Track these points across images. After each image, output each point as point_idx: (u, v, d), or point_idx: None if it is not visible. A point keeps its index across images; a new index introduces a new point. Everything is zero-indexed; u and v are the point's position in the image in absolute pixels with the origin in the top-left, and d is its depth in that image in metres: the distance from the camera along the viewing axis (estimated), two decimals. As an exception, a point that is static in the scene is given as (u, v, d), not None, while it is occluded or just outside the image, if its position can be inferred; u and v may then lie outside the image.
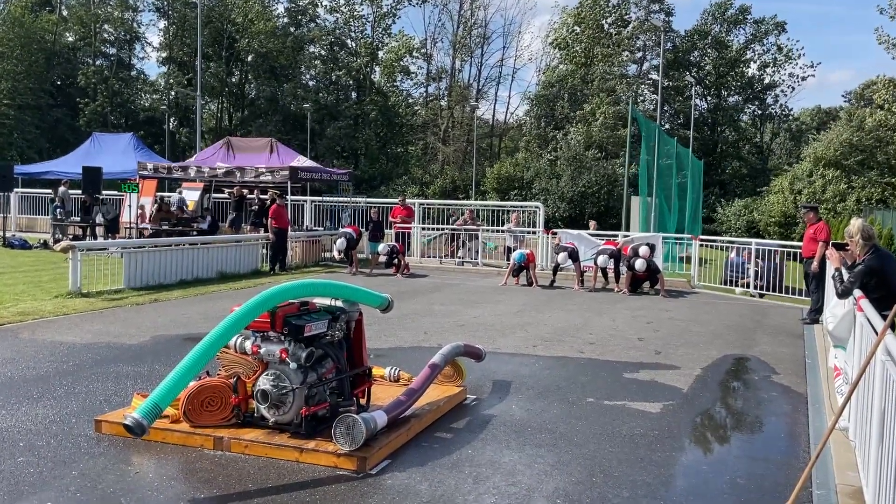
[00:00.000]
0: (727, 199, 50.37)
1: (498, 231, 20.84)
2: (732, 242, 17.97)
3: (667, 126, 49.60)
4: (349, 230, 19.51)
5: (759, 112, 62.72)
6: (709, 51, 60.09)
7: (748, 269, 16.43)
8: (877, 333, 4.53)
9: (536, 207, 21.20)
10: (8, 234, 22.75)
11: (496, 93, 70.79)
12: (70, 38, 60.77)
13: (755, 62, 60.73)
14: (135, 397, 5.99)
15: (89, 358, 8.43)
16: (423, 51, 67.28)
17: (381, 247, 19.49)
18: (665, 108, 53.90)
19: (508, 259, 19.77)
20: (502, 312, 12.39)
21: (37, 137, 54.31)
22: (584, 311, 12.68)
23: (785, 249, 16.61)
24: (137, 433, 4.92)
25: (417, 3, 66.16)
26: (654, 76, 57.45)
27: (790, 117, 65.20)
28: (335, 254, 19.70)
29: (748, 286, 16.13)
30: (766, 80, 61.06)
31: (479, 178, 57.06)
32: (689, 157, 28.15)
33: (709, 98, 61.42)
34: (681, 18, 76.76)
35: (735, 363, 9.14)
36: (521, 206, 22.03)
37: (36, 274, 15.44)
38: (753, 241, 17.33)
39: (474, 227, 20.84)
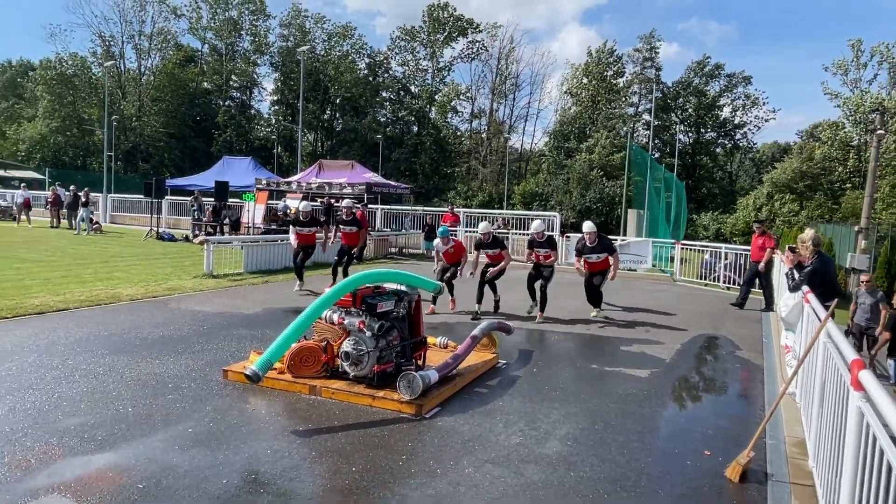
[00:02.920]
0: (700, 213, 49.65)
1: (524, 234, 20.74)
2: (706, 247, 17.58)
3: (656, 155, 48.75)
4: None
5: (730, 145, 61.32)
6: (690, 98, 58.97)
7: (718, 267, 16.12)
8: (820, 320, 4.50)
9: (553, 216, 21.08)
10: (161, 230, 23.41)
11: (524, 128, 70.67)
12: (207, 86, 62.22)
13: (727, 107, 59.62)
14: (252, 354, 6.13)
15: (218, 323, 8.64)
16: (468, 95, 67.39)
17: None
18: (655, 142, 53.02)
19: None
20: (527, 297, 12.35)
21: (181, 159, 55.88)
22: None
23: (748, 253, 16.24)
24: (254, 381, 5.10)
25: (466, 60, 66.43)
26: (646, 117, 56.55)
27: (753, 150, 63.77)
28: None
29: (717, 280, 15.83)
30: (736, 121, 59.82)
31: (510, 192, 56.91)
32: (674, 179, 27.67)
33: (690, 134, 60.33)
34: (668, 72, 75.94)
35: (707, 341, 9.01)
36: (542, 215, 21.86)
37: (180, 260, 15.86)
38: (724, 245, 16.95)
39: (505, 231, 20.81)
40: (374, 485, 3.84)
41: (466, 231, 21.54)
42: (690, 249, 17.88)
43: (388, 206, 25.89)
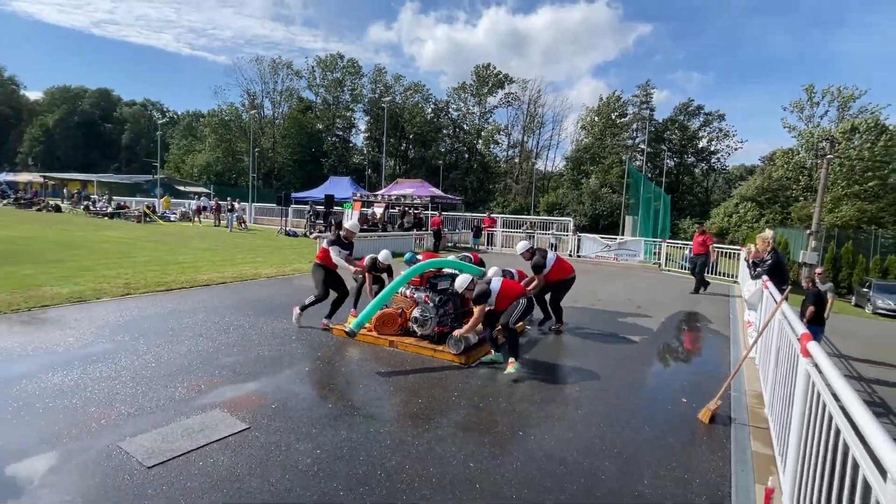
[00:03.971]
0: (682, 219, 47.46)
1: (546, 234, 20.37)
2: (686, 244, 16.79)
3: (649, 175, 46.81)
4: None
5: (706, 167, 58.15)
6: (676, 131, 56.10)
7: (696, 260, 15.36)
8: (776, 302, 4.25)
9: (569, 221, 20.55)
10: (287, 229, 24.18)
11: (547, 154, 69.23)
12: (319, 126, 63.64)
13: (705, 138, 56.50)
14: (350, 316, 6.28)
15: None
16: (505, 131, 66.44)
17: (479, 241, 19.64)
18: (648, 164, 50.89)
19: (553, 250, 19.37)
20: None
21: (301, 178, 57.42)
22: (596, 282, 12.22)
23: (719, 249, 15.42)
24: (351, 336, 5.25)
25: (503, 106, 65.55)
26: (642, 146, 54.30)
27: (725, 171, 60.19)
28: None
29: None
30: (712, 149, 56.64)
31: (536, 203, 55.98)
32: (662, 193, 26.52)
33: (675, 158, 57.40)
34: (660, 111, 72.64)
35: (686, 316, 8.61)
36: (560, 220, 21.40)
37: (300, 249, 16.32)
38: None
39: (531, 229, 20.49)
40: (434, 413, 3.89)
41: (504, 231, 21.32)
42: (674, 246, 17.09)
43: (446, 213, 25.87)
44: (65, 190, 39.33)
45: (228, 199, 27.38)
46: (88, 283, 7.99)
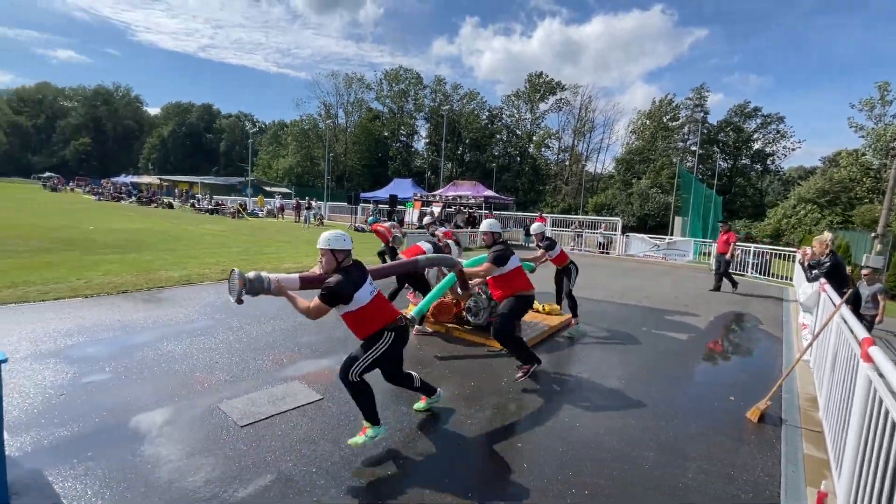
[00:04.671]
0: (734, 221, 43.95)
1: (594, 233, 19.66)
2: (738, 245, 15.59)
3: (700, 177, 43.82)
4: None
5: (760, 169, 53.45)
6: (730, 133, 52.02)
7: (748, 262, 14.22)
8: (835, 305, 3.86)
9: (618, 220, 19.67)
10: (357, 224, 25.02)
11: (597, 157, 66.62)
12: (385, 134, 65.13)
13: (760, 140, 51.87)
14: (410, 304, 6.41)
15: (389, 283, 9.05)
16: (556, 135, 64.76)
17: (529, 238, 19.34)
18: (699, 167, 47.66)
19: (601, 249, 18.68)
20: (592, 276, 11.75)
21: (369, 180, 59.14)
22: (643, 280, 11.67)
23: (773, 251, 14.19)
24: (412, 324, 5.26)
25: (555, 111, 63.85)
26: (693, 148, 50.89)
27: (781, 173, 54.99)
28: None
29: (745, 270, 13.97)
30: (767, 150, 51.95)
31: (584, 203, 54.19)
32: (714, 195, 24.76)
33: (728, 161, 53.23)
34: (714, 113, 67.36)
35: (736, 316, 8.00)
36: (608, 220, 20.54)
37: (367, 243, 16.81)
38: (752, 245, 14.87)
39: (580, 228, 19.86)
40: (484, 394, 3.90)
41: (554, 229, 20.84)
42: (724, 247, 15.93)
43: (499, 212, 25.64)
44: (175, 190, 43.00)
45: (307, 198, 28.73)
46: (194, 269, 8.71)
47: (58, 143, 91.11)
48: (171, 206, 32.38)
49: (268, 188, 46.42)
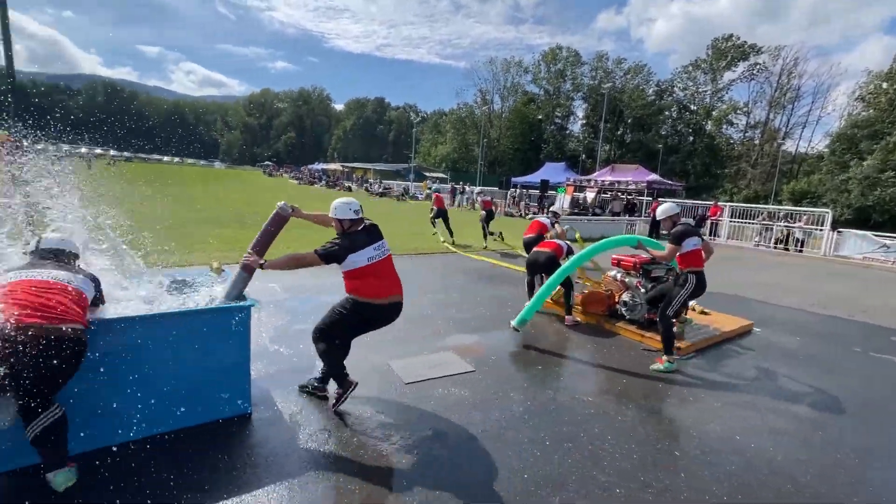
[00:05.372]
0: None
1: (791, 226, 16.11)
2: None
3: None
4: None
5: None
6: None
7: None
8: None
9: (826, 212, 15.72)
10: (506, 209, 25.32)
11: (801, 133, 53.49)
12: (539, 117, 63.77)
13: None
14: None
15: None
16: (744, 109, 54.38)
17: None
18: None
19: (796, 246, 15.33)
20: (784, 278, 9.74)
21: (520, 164, 59.00)
22: (857, 288, 9.23)
23: None
24: (516, 330, 4.84)
25: (745, 81, 53.52)
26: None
27: None
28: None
29: None
30: None
31: (778, 190, 44.68)
32: None
33: None
34: None
35: None
36: (812, 211, 16.53)
37: (512, 229, 16.83)
38: None
39: (769, 221, 16.48)
40: (637, 396, 3.67)
41: (732, 221, 17.82)
42: None
43: (664, 199, 22.98)
44: (353, 175, 49.68)
45: (461, 183, 30.19)
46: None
47: (273, 137, 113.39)
48: (349, 189, 37.58)
49: (427, 173, 50.13)
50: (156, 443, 2.58)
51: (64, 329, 2.06)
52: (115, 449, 2.48)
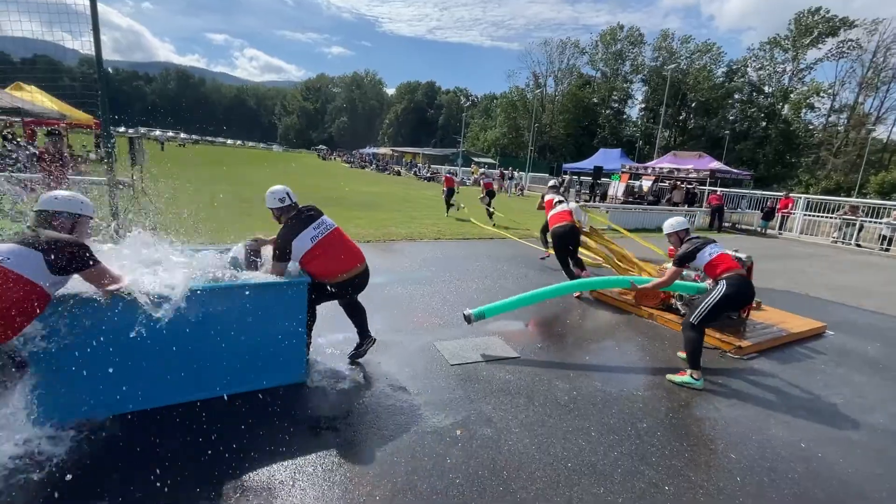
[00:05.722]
0: None
1: (877, 222, 14.54)
2: None
3: None
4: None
5: None
6: None
7: None
8: None
9: (920, 208, 13.91)
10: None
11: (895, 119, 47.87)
12: (595, 100, 61.15)
13: None
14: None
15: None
16: (829, 91, 49.10)
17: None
18: None
19: (883, 245, 13.83)
20: (866, 279, 8.83)
21: (573, 149, 57.06)
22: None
23: None
24: (469, 320, 4.02)
25: (833, 59, 48.11)
26: None
27: None
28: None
29: None
30: None
31: (864, 182, 40.24)
32: None
33: None
34: None
35: None
36: (902, 206, 14.70)
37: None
38: None
39: (853, 217, 14.91)
40: (691, 395, 3.50)
41: (806, 214, 16.35)
42: None
43: (728, 189, 21.44)
44: (403, 159, 50.21)
45: (510, 168, 29.70)
46: (416, 228, 10.18)
47: (328, 121, 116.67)
48: (398, 173, 38.08)
49: (476, 158, 49.75)
50: (233, 399, 2.79)
51: None
52: (198, 404, 2.71)
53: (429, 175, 34.00)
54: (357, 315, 3.47)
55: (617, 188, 22.17)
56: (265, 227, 3.86)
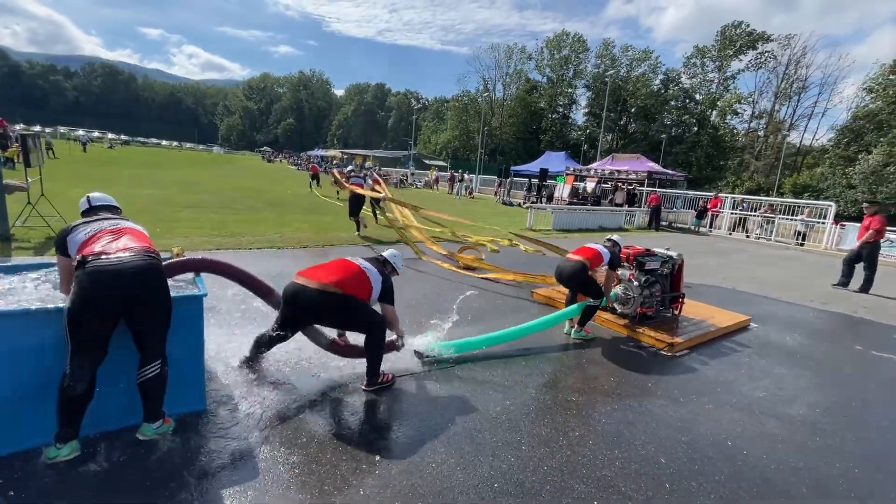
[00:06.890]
0: None
1: (791, 219, 15.83)
2: None
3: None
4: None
5: None
6: None
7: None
8: None
9: (829, 206, 15.42)
10: (505, 199, 25.03)
11: (806, 125, 53.12)
12: (542, 105, 62.89)
13: None
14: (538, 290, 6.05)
15: (533, 258, 8.70)
16: (749, 99, 53.58)
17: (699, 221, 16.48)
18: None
19: (798, 239, 15.08)
20: (784, 273, 9.51)
21: (521, 153, 58.37)
22: (861, 284, 8.99)
23: None
24: (421, 357, 3.73)
25: (752, 69, 52.60)
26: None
27: None
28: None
29: None
30: None
31: (780, 183, 44.18)
32: None
33: None
34: None
35: None
36: (815, 204, 16.22)
37: (513, 218, 16.67)
38: None
39: (771, 214, 16.18)
40: (628, 395, 3.47)
41: (733, 213, 17.53)
42: None
43: (664, 190, 22.65)
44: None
45: (460, 170, 29.81)
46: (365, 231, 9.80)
47: (272, 122, 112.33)
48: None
49: (427, 161, 49.63)
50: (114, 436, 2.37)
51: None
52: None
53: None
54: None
55: (562, 190, 22.79)
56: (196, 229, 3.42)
